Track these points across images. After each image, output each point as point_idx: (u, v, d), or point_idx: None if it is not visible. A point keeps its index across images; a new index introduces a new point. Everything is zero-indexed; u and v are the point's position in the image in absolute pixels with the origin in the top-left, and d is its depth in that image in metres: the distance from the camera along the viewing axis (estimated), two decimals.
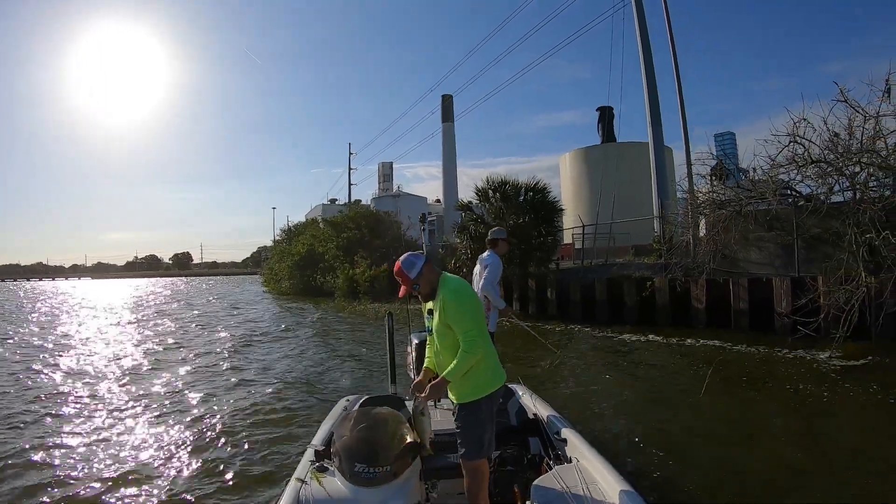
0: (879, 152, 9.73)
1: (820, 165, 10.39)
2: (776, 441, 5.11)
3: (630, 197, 21.03)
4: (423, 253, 3.11)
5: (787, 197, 11.03)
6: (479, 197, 16.71)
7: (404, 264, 2.97)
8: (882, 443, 5.05)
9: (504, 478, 3.20)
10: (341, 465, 2.80)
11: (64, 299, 38.70)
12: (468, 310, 2.91)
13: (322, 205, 60.74)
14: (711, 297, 11.40)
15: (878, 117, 9.85)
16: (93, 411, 6.99)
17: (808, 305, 9.27)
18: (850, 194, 10.17)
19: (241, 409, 6.86)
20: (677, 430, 5.61)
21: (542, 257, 15.88)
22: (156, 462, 5.04)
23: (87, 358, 11.21)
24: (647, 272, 13.22)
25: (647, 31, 17.58)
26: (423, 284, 2.97)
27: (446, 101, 48.10)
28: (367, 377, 8.64)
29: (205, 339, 14.15)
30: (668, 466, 4.49)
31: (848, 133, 10.08)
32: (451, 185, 48.01)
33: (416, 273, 2.95)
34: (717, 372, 7.72)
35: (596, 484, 2.73)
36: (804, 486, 4.12)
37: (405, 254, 3.05)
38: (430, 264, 3.00)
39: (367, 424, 2.92)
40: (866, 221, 9.17)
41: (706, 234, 11.83)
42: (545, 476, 2.88)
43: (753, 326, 10.65)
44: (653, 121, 17.19)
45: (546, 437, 3.57)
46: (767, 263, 11.35)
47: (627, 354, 9.97)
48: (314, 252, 30.60)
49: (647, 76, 17.24)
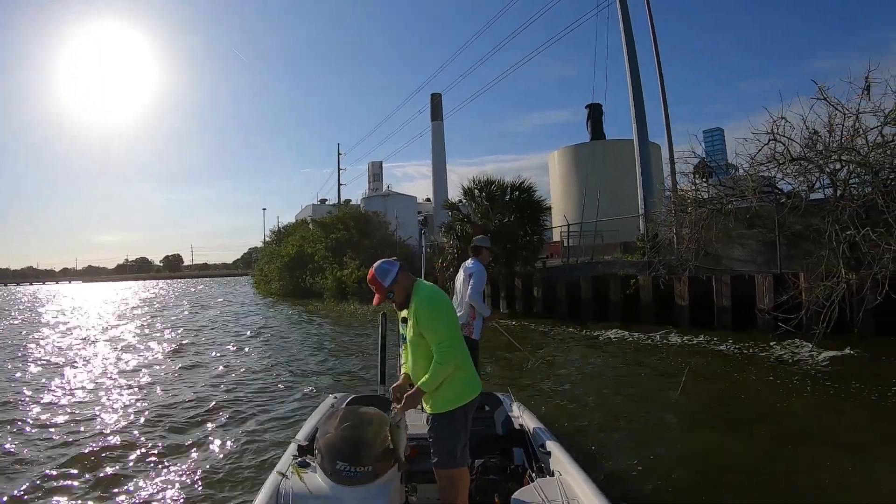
0: (859, 150, 9.80)
1: (800, 163, 10.48)
2: (755, 441, 5.12)
3: (619, 194, 21.08)
4: (397, 259, 3.00)
5: (769, 194, 11.10)
6: (466, 196, 16.72)
7: (378, 272, 2.88)
8: (861, 437, 5.10)
9: (485, 486, 3.18)
10: (323, 462, 2.76)
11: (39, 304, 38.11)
12: (442, 318, 2.83)
13: (312, 205, 60.57)
14: (695, 295, 11.45)
15: (857, 115, 9.94)
16: (66, 406, 7.02)
17: (790, 302, 9.33)
18: (830, 191, 10.27)
19: (222, 403, 6.96)
20: (650, 429, 5.62)
21: (528, 256, 15.95)
22: (136, 459, 5.03)
23: (64, 355, 11.07)
24: (631, 270, 13.29)
25: (631, 31, 17.66)
26: (397, 292, 2.88)
27: (435, 100, 48.08)
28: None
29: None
30: (640, 471, 4.46)
31: (828, 131, 10.16)
32: (440, 183, 48.03)
33: (391, 281, 2.86)
34: (696, 370, 7.77)
35: (577, 500, 2.69)
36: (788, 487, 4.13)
37: (379, 261, 2.96)
38: (405, 271, 2.91)
39: (352, 423, 2.87)
40: (846, 219, 9.24)
41: (688, 232, 11.87)
42: (526, 488, 2.85)
43: (736, 323, 10.73)
44: (638, 120, 17.25)
45: (531, 448, 3.53)
46: (750, 261, 11.42)
47: (610, 351, 10.01)
48: (303, 253, 30.52)
49: (632, 76, 17.31)
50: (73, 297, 45.40)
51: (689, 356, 8.84)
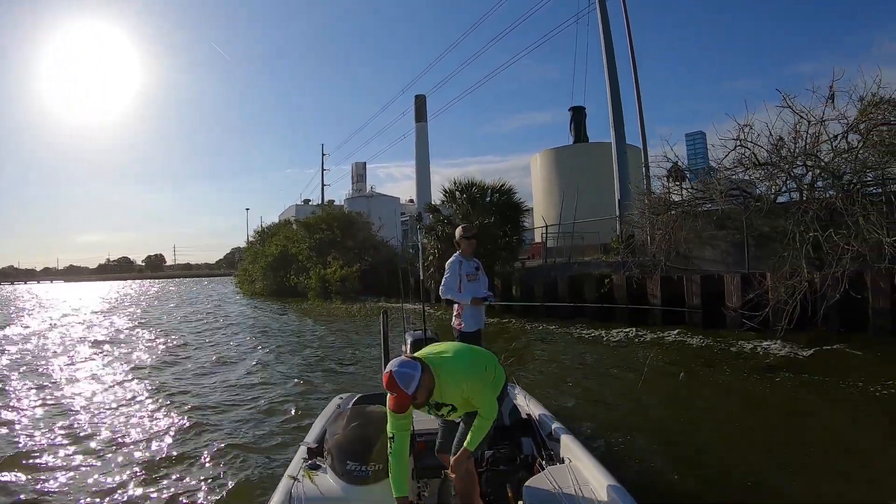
0: (819, 156, 10.24)
1: (767, 168, 10.93)
2: (709, 425, 5.48)
3: (600, 196, 21.41)
4: (415, 358, 2.66)
5: (738, 197, 11.54)
6: (447, 198, 17.00)
7: (400, 379, 2.49)
8: (821, 426, 5.48)
9: (496, 478, 3.19)
10: (333, 463, 2.79)
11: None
12: (479, 380, 2.75)
13: (296, 205, 60.48)
14: (666, 294, 11.84)
15: (822, 122, 10.39)
16: (73, 411, 6.88)
17: (755, 300, 9.74)
18: (797, 195, 10.73)
19: (233, 407, 6.90)
20: (605, 427, 5.76)
21: (508, 256, 16.26)
22: (145, 463, 4.95)
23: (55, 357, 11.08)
24: (606, 270, 13.67)
25: (611, 39, 18.07)
26: (420, 396, 2.57)
27: (419, 102, 48.19)
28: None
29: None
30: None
31: (792, 138, 10.62)
32: (424, 185, 48.10)
33: (415, 388, 2.51)
34: (665, 365, 8.19)
35: (588, 485, 2.71)
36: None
37: (395, 362, 2.58)
38: (427, 371, 2.59)
39: (360, 423, 2.90)
40: (808, 221, 9.67)
41: (659, 233, 12.27)
42: (537, 476, 2.86)
43: (706, 321, 11.09)
44: (615, 125, 17.70)
45: (539, 437, 3.56)
46: (720, 261, 11.84)
47: (586, 348, 10.32)
48: (287, 253, 30.58)
49: (611, 82, 17.74)
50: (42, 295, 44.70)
51: (655, 350, 9.25)
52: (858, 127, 10.03)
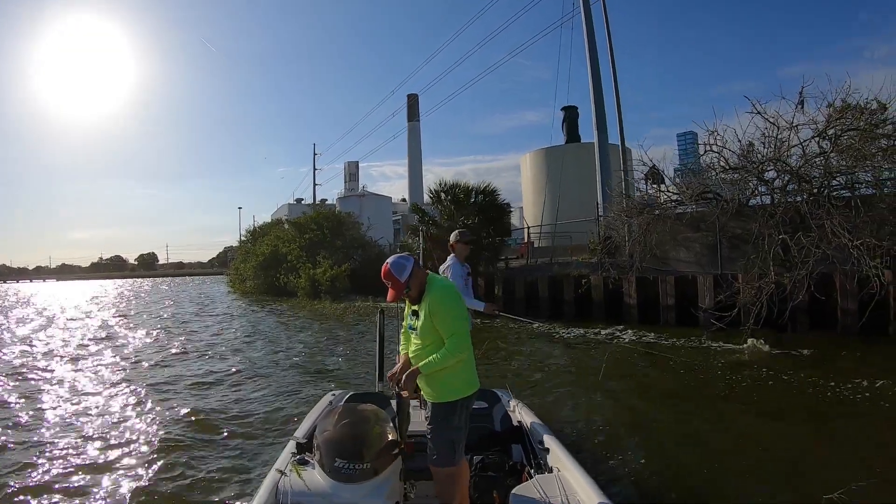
0: (787, 161, 10.52)
1: (739, 171, 11.21)
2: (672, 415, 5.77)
3: (590, 195, 21.61)
4: (410, 254, 3.02)
5: (711, 200, 11.81)
6: (433, 199, 17.24)
7: (394, 267, 2.84)
8: (780, 418, 5.77)
9: (484, 483, 3.22)
10: (322, 459, 2.79)
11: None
12: (457, 312, 2.89)
13: (288, 204, 60.47)
14: (642, 294, 12.16)
15: (791, 127, 10.66)
16: (60, 402, 7.08)
17: (724, 301, 10.03)
18: (767, 198, 11.02)
19: (220, 402, 7.03)
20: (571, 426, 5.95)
21: (490, 256, 16.56)
22: (129, 457, 5.03)
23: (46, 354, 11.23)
24: (585, 270, 14.00)
25: (594, 43, 18.44)
26: (413, 287, 2.87)
27: (411, 101, 48.50)
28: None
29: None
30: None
31: (762, 143, 10.92)
32: (416, 183, 48.48)
33: (407, 276, 2.84)
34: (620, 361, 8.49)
35: (575, 495, 2.71)
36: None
37: (393, 256, 2.95)
38: (418, 265, 2.91)
39: (351, 420, 2.91)
40: (776, 223, 9.95)
41: (635, 235, 12.55)
42: (525, 484, 2.87)
43: (680, 320, 11.46)
44: (598, 126, 17.99)
45: (529, 445, 3.56)
46: (694, 262, 12.15)
47: (561, 346, 10.60)
48: (278, 252, 30.75)
49: (594, 86, 18.05)
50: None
51: (628, 349, 9.54)
52: (827, 132, 10.30)
